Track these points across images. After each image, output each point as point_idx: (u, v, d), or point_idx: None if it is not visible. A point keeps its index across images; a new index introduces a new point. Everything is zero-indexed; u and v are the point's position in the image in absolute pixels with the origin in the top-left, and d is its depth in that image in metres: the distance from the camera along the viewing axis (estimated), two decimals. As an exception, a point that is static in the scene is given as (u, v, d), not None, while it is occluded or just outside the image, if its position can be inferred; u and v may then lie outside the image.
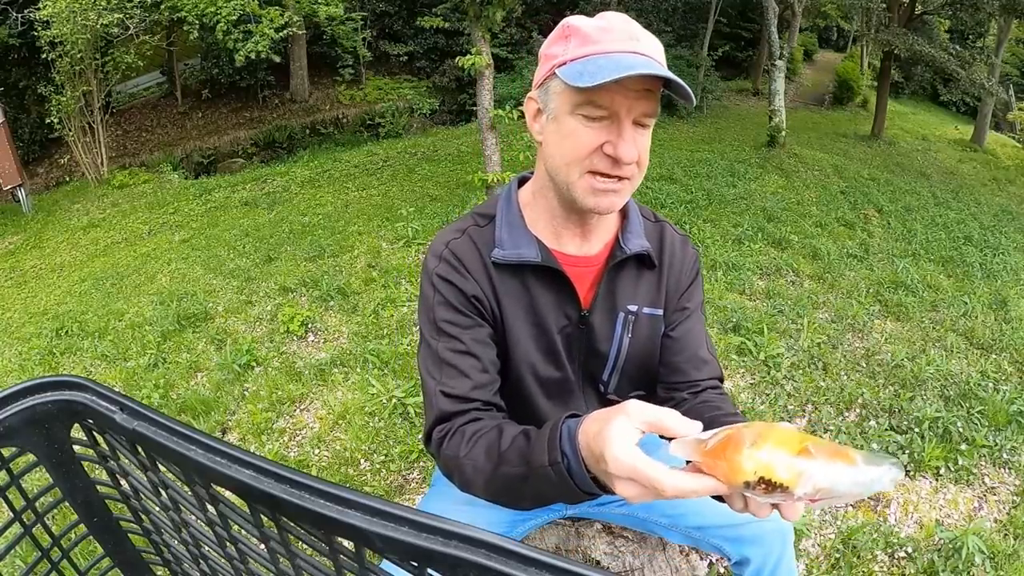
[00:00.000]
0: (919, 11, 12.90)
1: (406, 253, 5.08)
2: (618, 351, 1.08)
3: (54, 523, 0.99)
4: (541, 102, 0.95)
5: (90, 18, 8.08)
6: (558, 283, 1.03)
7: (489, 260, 1.01)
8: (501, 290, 1.02)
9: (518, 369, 1.06)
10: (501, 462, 0.83)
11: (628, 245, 1.04)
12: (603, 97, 0.87)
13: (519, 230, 1.02)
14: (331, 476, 2.52)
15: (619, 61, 0.84)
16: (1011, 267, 5.51)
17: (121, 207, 8.68)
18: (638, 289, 1.07)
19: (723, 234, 5.51)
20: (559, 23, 0.95)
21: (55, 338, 4.21)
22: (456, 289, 1.00)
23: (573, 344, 1.07)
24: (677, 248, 1.10)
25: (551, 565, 0.39)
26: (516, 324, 1.03)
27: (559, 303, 1.04)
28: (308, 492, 0.45)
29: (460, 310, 0.99)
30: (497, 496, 0.87)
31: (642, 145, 0.92)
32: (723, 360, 3.22)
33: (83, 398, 0.59)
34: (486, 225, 1.05)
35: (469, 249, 1.02)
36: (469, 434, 0.90)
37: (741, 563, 1.19)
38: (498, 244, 1.02)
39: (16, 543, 0.71)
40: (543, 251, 1.01)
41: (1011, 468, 2.55)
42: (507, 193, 1.07)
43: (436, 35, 14.41)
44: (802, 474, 0.60)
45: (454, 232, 1.05)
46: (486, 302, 1.01)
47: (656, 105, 0.90)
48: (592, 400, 1.14)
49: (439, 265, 1.01)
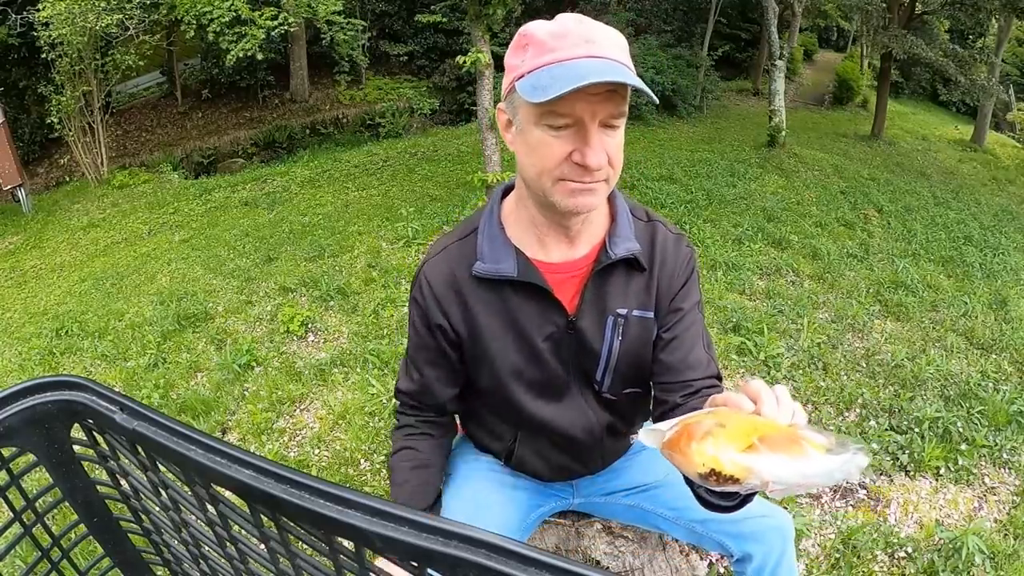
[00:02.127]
0: (919, 11, 12.90)
1: (406, 253, 5.08)
2: (609, 353, 1.09)
3: (54, 523, 0.99)
4: (509, 113, 0.95)
5: (90, 19, 8.08)
6: (539, 295, 1.03)
7: (468, 276, 1.04)
8: (477, 306, 1.05)
9: (500, 376, 1.09)
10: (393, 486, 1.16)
11: (615, 250, 1.02)
12: (564, 106, 0.85)
13: (499, 242, 1.03)
14: (331, 476, 2.52)
15: (574, 69, 0.83)
16: (1011, 267, 5.51)
17: (121, 207, 8.68)
18: (627, 292, 1.06)
19: (723, 234, 5.51)
20: (516, 36, 0.92)
21: (55, 338, 4.21)
22: (422, 315, 1.09)
23: (562, 348, 1.08)
24: (670, 248, 1.08)
25: (551, 565, 0.39)
26: (494, 337, 1.06)
27: (542, 313, 1.05)
28: (308, 492, 0.45)
29: (423, 335, 1.11)
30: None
31: (612, 146, 0.90)
32: (723, 360, 3.23)
33: (83, 398, 0.59)
34: (468, 236, 1.06)
35: (443, 271, 1.06)
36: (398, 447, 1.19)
37: (743, 560, 1.19)
38: (479, 257, 1.03)
39: (16, 543, 0.71)
40: (522, 264, 1.01)
41: (1011, 468, 2.55)
42: (491, 204, 1.07)
43: (436, 34, 14.41)
44: (748, 468, 0.61)
45: (436, 248, 1.09)
46: (450, 329, 1.08)
47: (622, 104, 0.88)
48: (589, 396, 1.14)
49: (414, 287, 1.10)
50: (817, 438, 0.64)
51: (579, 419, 1.14)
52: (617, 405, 1.16)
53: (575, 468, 1.23)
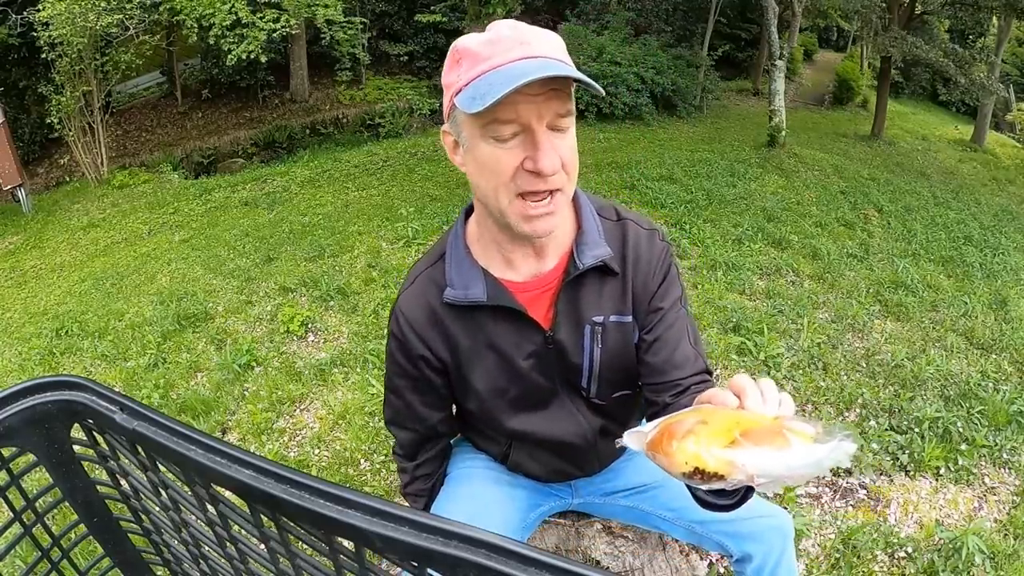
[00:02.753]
0: (919, 11, 12.90)
1: (406, 253, 5.08)
2: (591, 362, 1.06)
3: (54, 523, 0.99)
4: (454, 134, 0.91)
5: (90, 19, 8.08)
6: (513, 316, 1.01)
7: (439, 302, 1.02)
8: (455, 331, 1.04)
9: (485, 397, 1.09)
10: None
11: (582, 260, 0.99)
12: (506, 111, 0.82)
13: (466, 266, 1.01)
14: (331, 476, 2.52)
15: (509, 72, 0.79)
16: (1011, 267, 5.51)
17: (121, 207, 8.68)
18: (601, 299, 1.03)
19: (723, 234, 5.51)
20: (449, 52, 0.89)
21: (55, 338, 4.21)
22: (401, 348, 1.08)
23: (544, 363, 1.06)
24: (643, 247, 1.03)
25: (551, 565, 0.39)
26: (475, 360, 1.05)
27: (519, 333, 1.03)
28: (308, 492, 0.45)
29: (403, 367, 1.09)
30: None
31: (564, 149, 0.87)
32: (723, 360, 3.23)
33: (83, 398, 0.59)
34: (436, 262, 1.05)
35: (417, 302, 1.05)
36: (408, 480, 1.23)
37: (743, 560, 1.19)
38: (448, 283, 1.01)
39: (16, 543, 0.71)
40: (491, 287, 0.99)
41: (1011, 468, 2.55)
42: (456, 226, 1.05)
43: (436, 34, 14.41)
44: (731, 463, 0.60)
45: (408, 280, 1.08)
46: (433, 357, 1.07)
47: (567, 102, 0.85)
48: (579, 403, 1.13)
49: (392, 321, 1.09)
50: (803, 427, 0.63)
51: (571, 426, 1.14)
52: (608, 408, 1.15)
53: (571, 471, 1.24)
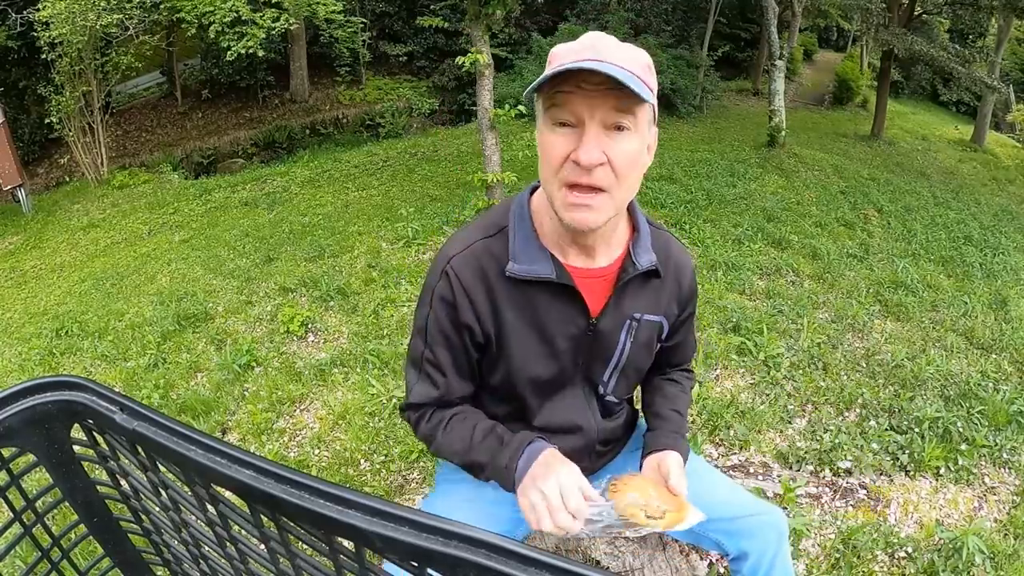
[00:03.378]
0: (919, 11, 12.90)
1: (406, 253, 5.08)
2: (620, 355, 1.12)
3: (54, 523, 0.99)
4: (536, 123, 0.97)
5: (90, 19, 8.08)
6: (569, 297, 1.04)
7: (497, 274, 1.02)
8: (505, 305, 1.03)
9: (515, 374, 1.09)
10: (471, 449, 1.05)
11: (640, 261, 1.06)
12: (562, 99, 0.88)
13: (533, 243, 1.02)
14: (331, 476, 2.52)
15: (568, 64, 0.86)
16: (1011, 267, 5.51)
17: (121, 207, 8.68)
18: (642, 298, 1.10)
19: (723, 234, 5.51)
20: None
21: (55, 338, 4.21)
22: (450, 313, 1.04)
23: (579, 349, 1.10)
24: (683, 262, 1.15)
25: (551, 565, 0.39)
26: (518, 336, 1.05)
27: (568, 315, 1.05)
28: (308, 492, 0.45)
29: (448, 334, 1.05)
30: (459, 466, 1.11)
31: (616, 151, 0.90)
32: (723, 360, 3.23)
33: (83, 398, 0.59)
34: (496, 234, 1.04)
35: (472, 268, 1.02)
36: (446, 420, 1.09)
37: (739, 558, 1.21)
38: (512, 257, 1.01)
39: (16, 543, 0.71)
40: (557, 267, 1.01)
41: (1011, 468, 2.55)
42: (520, 202, 1.06)
43: (436, 35, 14.42)
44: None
45: (460, 244, 1.04)
46: (478, 328, 1.04)
47: (624, 103, 0.88)
48: (591, 398, 1.17)
49: (440, 282, 1.03)
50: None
51: (579, 418, 1.16)
52: (614, 407, 1.21)
53: None
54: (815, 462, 2.50)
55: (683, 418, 1.21)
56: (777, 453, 2.57)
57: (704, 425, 2.68)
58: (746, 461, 2.52)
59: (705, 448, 2.57)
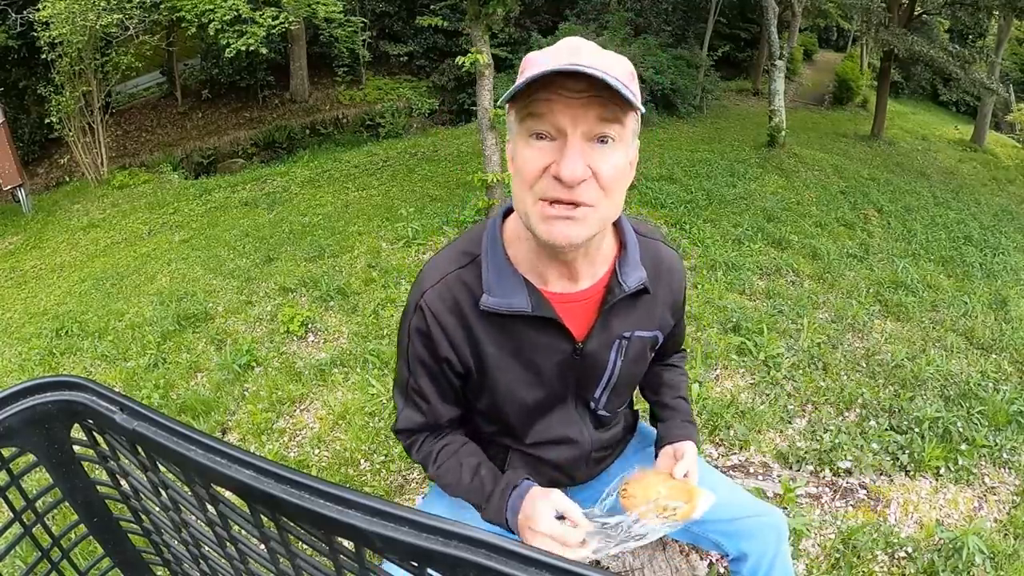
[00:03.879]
0: (919, 11, 12.91)
1: (406, 253, 5.08)
2: (611, 374, 1.09)
3: (54, 523, 0.99)
4: (509, 135, 0.90)
5: (89, 19, 8.08)
6: (550, 326, 0.99)
7: (472, 306, 0.97)
8: (484, 337, 0.99)
9: (501, 401, 1.07)
10: (463, 491, 1.08)
11: (627, 282, 0.99)
12: (539, 106, 0.80)
13: (507, 274, 0.96)
14: (331, 476, 2.52)
15: (545, 69, 0.77)
16: (1011, 267, 5.51)
17: (121, 207, 8.69)
18: (632, 316, 1.05)
19: (723, 234, 5.51)
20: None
21: (55, 338, 4.21)
22: (428, 345, 1.01)
23: (567, 370, 1.06)
24: (675, 269, 1.10)
25: (551, 565, 0.39)
26: (500, 366, 1.02)
27: (551, 342, 1.01)
28: (308, 492, 0.45)
29: (428, 365, 1.04)
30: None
31: (602, 164, 0.82)
32: (723, 360, 3.23)
33: (83, 398, 0.59)
34: (468, 264, 0.98)
35: (447, 301, 0.98)
36: (434, 454, 1.10)
37: (739, 559, 1.20)
38: (486, 290, 0.96)
39: (16, 543, 0.71)
40: (534, 297, 0.96)
41: (1011, 468, 2.55)
42: (492, 230, 0.99)
43: (436, 35, 14.42)
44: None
45: (434, 275, 0.99)
46: (458, 362, 1.02)
47: (608, 111, 0.80)
48: (584, 413, 1.15)
49: (415, 316, 1.00)
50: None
51: (572, 433, 1.15)
52: (607, 420, 1.19)
53: (564, 481, 1.23)
54: (815, 462, 2.50)
55: (688, 403, 1.24)
56: (777, 453, 2.57)
57: (704, 425, 2.68)
58: (746, 461, 2.52)
59: (705, 448, 2.57)
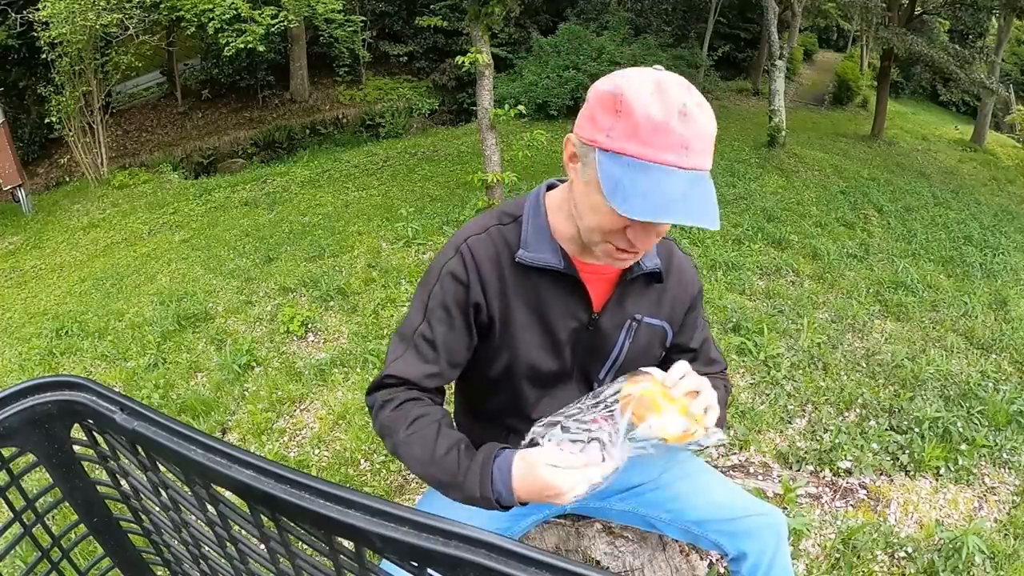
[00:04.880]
0: (919, 11, 12.91)
1: (406, 253, 5.08)
2: (618, 354, 1.14)
3: (54, 523, 0.99)
4: (581, 155, 0.93)
5: (89, 18, 8.08)
6: (573, 289, 1.06)
7: (508, 260, 1.04)
8: (513, 291, 1.06)
9: (514, 363, 1.10)
10: (432, 464, 0.96)
11: (644, 262, 1.08)
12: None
13: (544, 235, 1.04)
14: (331, 476, 2.52)
15: (661, 190, 0.84)
16: (1011, 267, 5.51)
17: (121, 207, 8.69)
18: (644, 299, 1.12)
19: (723, 234, 5.51)
20: (612, 87, 0.87)
21: (55, 338, 4.21)
22: (460, 291, 1.03)
23: (578, 343, 1.11)
24: (685, 268, 1.17)
25: (551, 565, 0.39)
26: (521, 324, 1.07)
27: (571, 306, 1.08)
28: (308, 492, 0.45)
29: (451, 312, 1.04)
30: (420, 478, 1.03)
31: (663, 227, 0.94)
32: (723, 360, 3.23)
33: (83, 398, 0.59)
34: (510, 223, 1.07)
35: (487, 249, 1.04)
36: (411, 418, 0.99)
37: (738, 559, 1.20)
38: (523, 245, 1.04)
39: (16, 543, 0.71)
40: (565, 259, 1.04)
41: (1011, 468, 2.55)
42: (535, 197, 1.09)
43: (435, 35, 14.42)
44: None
45: (477, 227, 1.07)
46: (485, 310, 1.05)
47: None
48: (585, 392, 1.15)
49: (453, 259, 1.04)
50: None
51: None
52: None
53: None
54: (815, 462, 2.50)
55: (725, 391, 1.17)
56: (777, 453, 2.57)
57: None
58: (746, 461, 2.52)
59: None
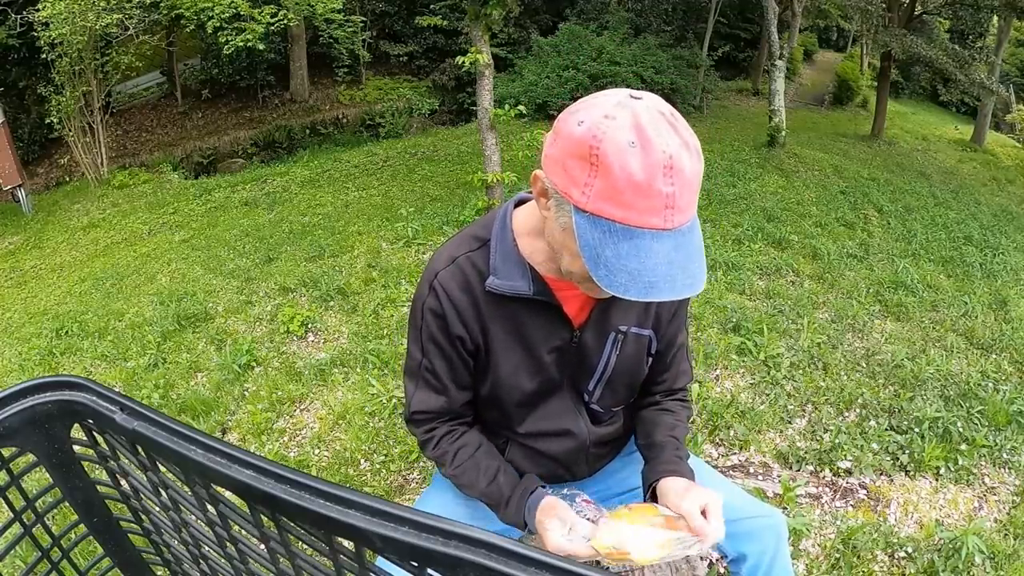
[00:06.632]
0: (919, 11, 12.91)
1: (406, 253, 5.08)
2: (605, 367, 1.13)
3: (54, 523, 0.99)
4: (554, 198, 0.86)
5: (89, 19, 8.09)
6: (551, 311, 1.05)
7: (480, 287, 1.03)
8: (490, 318, 1.05)
9: (500, 385, 1.10)
10: (481, 494, 1.11)
11: None
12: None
13: (512, 259, 1.01)
14: (331, 476, 2.52)
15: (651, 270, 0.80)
16: (1011, 267, 5.51)
17: (121, 207, 8.69)
18: (628, 310, 1.09)
19: (723, 234, 5.51)
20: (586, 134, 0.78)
21: (55, 338, 4.21)
22: (441, 326, 1.06)
23: (563, 359, 1.10)
24: None
25: (551, 565, 0.39)
26: (503, 349, 1.07)
27: (551, 328, 1.06)
28: (308, 492, 0.45)
29: (442, 345, 1.07)
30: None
31: None
32: (723, 360, 3.23)
33: (83, 398, 0.59)
34: (478, 248, 1.04)
35: (458, 280, 1.03)
36: (450, 454, 1.12)
37: (738, 560, 1.20)
38: (492, 272, 1.02)
39: (16, 543, 0.71)
40: (536, 283, 1.01)
41: (1011, 468, 2.55)
42: (502, 218, 1.04)
43: (436, 35, 14.42)
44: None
45: (445, 260, 1.05)
46: (469, 340, 1.06)
47: None
48: (579, 406, 1.17)
49: (429, 297, 1.05)
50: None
51: (569, 425, 1.17)
52: (603, 416, 1.20)
53: (563, 474, 1.24)
54: (815, 462, 2.50)
55: (681, 443, 1.16)
56: (777, 453, 2.57)
57: (704, 425, 2.68)
58: (746, 461, 2.52)
59: (705, 448, 2.57)
